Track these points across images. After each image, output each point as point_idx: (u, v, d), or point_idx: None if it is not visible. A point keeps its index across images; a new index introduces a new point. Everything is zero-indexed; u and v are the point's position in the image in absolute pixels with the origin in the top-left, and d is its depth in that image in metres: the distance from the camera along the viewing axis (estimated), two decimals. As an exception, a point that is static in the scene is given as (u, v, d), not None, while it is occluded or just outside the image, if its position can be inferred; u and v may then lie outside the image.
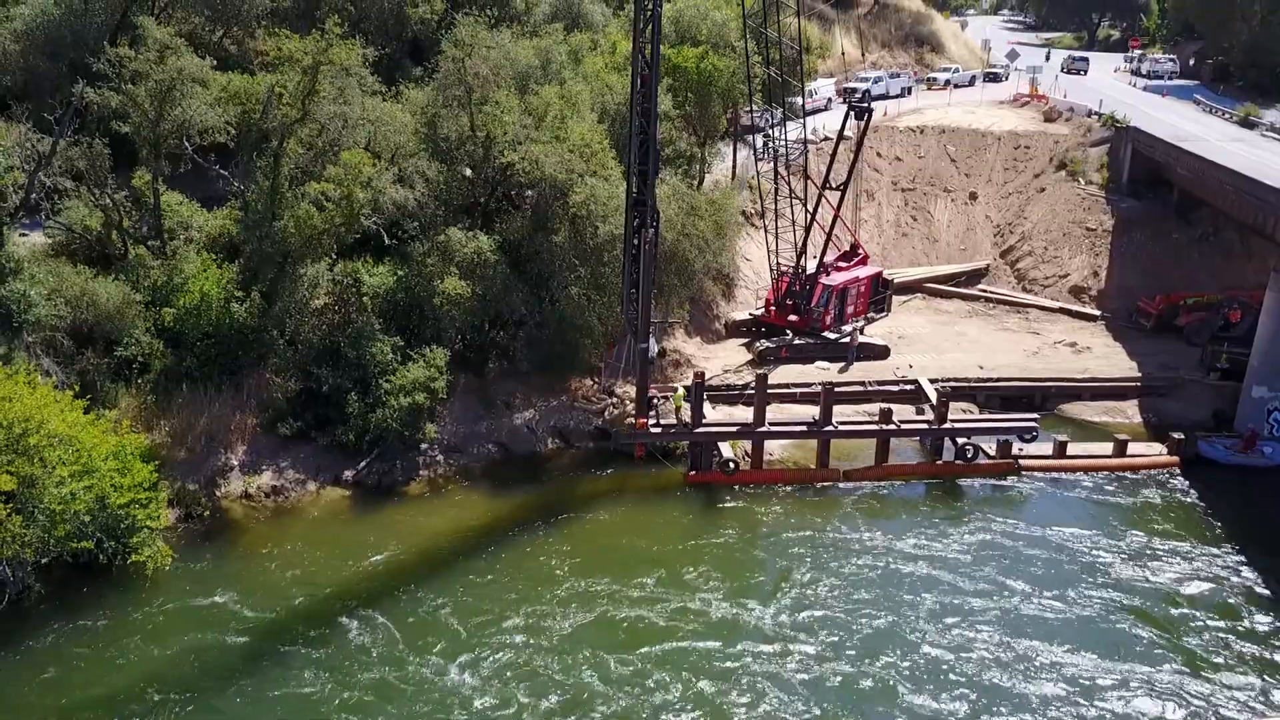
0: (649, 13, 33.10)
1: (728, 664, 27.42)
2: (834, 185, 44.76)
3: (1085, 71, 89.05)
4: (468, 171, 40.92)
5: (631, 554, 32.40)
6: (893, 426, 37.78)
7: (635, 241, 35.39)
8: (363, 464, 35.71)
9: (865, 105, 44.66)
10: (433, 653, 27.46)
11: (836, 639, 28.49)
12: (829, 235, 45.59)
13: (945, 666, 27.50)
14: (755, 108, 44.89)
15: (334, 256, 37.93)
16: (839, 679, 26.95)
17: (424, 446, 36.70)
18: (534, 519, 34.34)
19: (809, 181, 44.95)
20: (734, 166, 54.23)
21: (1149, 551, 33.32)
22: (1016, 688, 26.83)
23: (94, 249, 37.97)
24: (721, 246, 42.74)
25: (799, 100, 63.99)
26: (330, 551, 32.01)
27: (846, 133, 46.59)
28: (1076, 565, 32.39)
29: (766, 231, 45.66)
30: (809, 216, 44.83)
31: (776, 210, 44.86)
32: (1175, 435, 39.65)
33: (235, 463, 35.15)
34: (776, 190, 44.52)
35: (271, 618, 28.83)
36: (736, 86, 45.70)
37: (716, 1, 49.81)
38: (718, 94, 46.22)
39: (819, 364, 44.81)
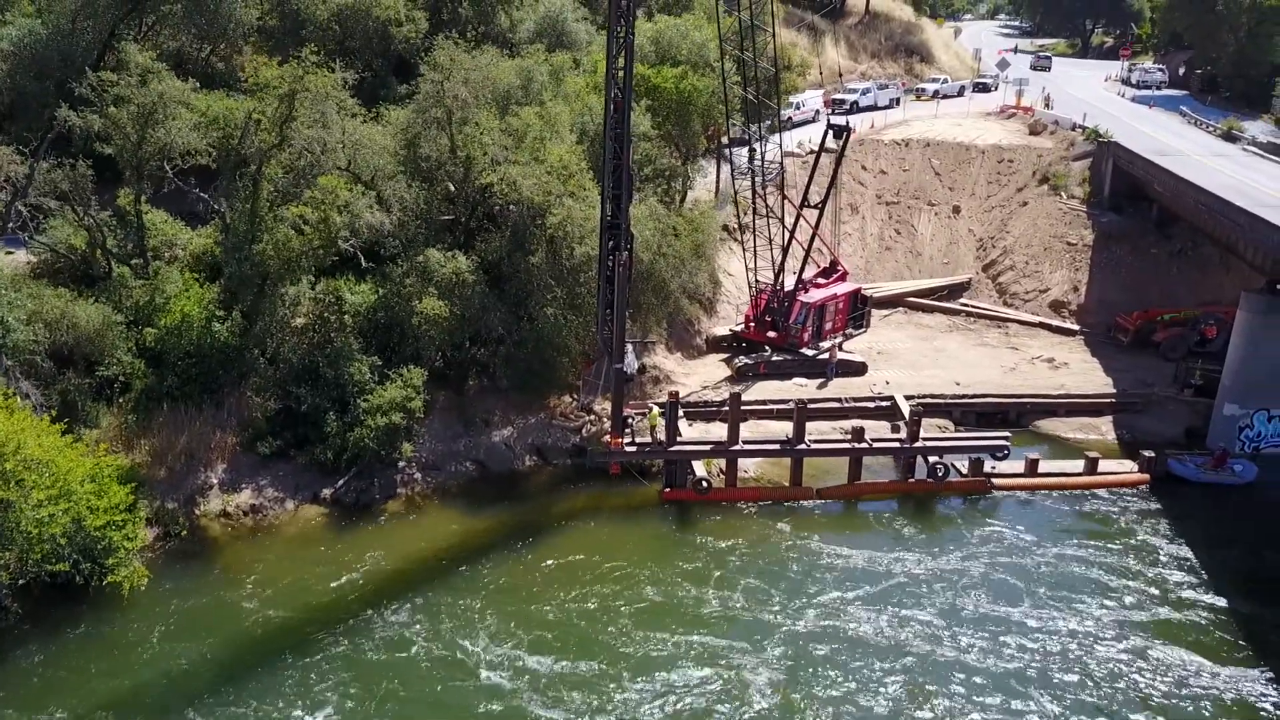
0: (621, 40, 33.58)
1: (705, 672, 28.02)
2: (812, 204, 45.20)
3: (1049, 68, 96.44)
4: (450, 187, 41.44)
5: (606, 570, 32.81)
6: (865, 445, 38.23)
7: (609, 263, 35.90)
8: (341, 482, 36.22)
9: (844, 125, 45.02)
10: (407, 670, 27.98)
11: (807, 651, 29.05)
12: (807, 252, 46.02)
13: (921, 675, 28.04)
14: (735, 125, 45.21)
15: (314, 277, 38.41)
16: (818, 690, 27.52)
17: (401, 465, 37.25)
18: (509, 536, 34.85)
19: (785, 200, 45.35)
20: (718, 182, 54.71)
21: (1113, 569, 33.72)
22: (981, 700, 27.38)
23: (79, 268, 38.57)
24: (698, 266, 43.24)
25: (784, 113, 64.70)
26: (306, 569, 32.53)
27: (829, 146, 46.79)
28: (1042, 583, 32.82)
29: (744, 249, 46.16)
30: (788, 234, 45.28)
31: (754, 228, 45.32)
32: (1146, 453, 40.07)
33: (215, 481, 35.67)
34: (754, 208, 44.99)
35: (246, 635, 29.37)
36: (716, 106, 46.17)
37: (698, 21, 50.29)
38: (697, 113, 46.70)
39: (797, 380, 45.26)
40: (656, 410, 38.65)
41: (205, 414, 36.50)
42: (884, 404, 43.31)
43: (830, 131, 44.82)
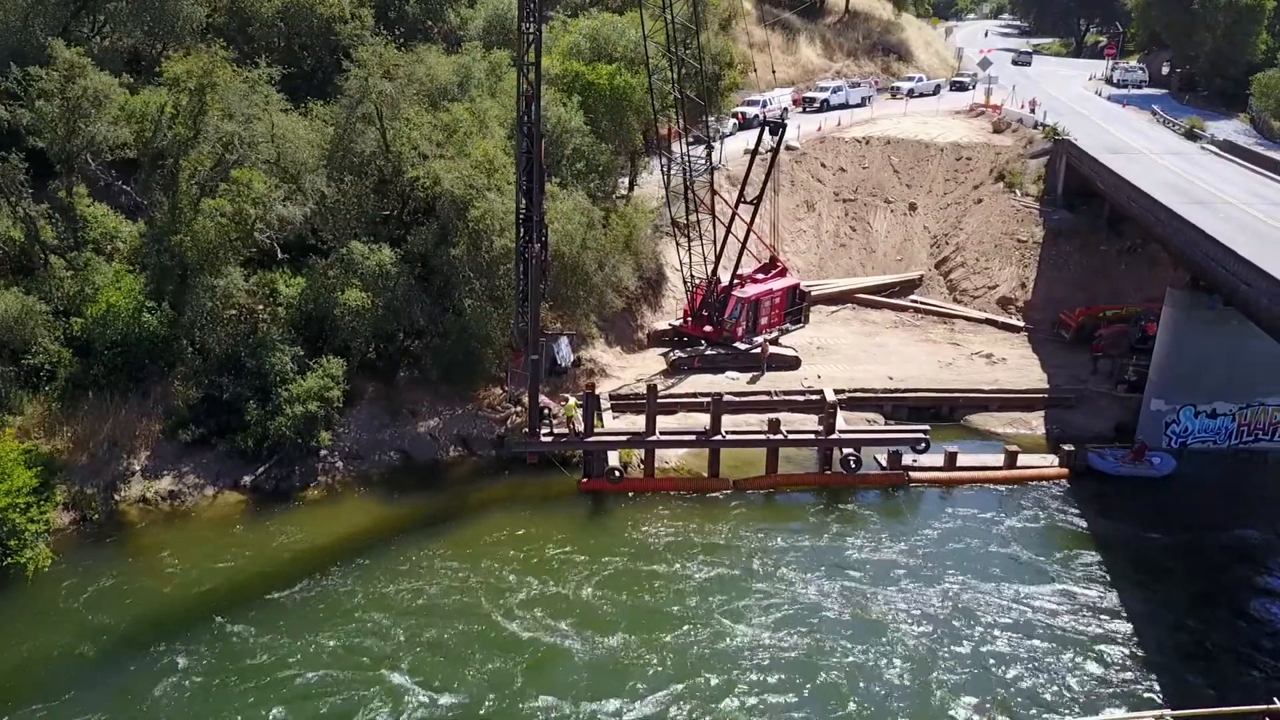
0: (530, 38, 34.27)
1: (599, 665, 28.48)
2: (748, 200, 45.62)
3: (1029, 63, 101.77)
4: (383, 180, 42.10)
5: (514, 559, 33.34)
6: (780, 436, 38.61)
7: (525, 255, 36.49)
8: (261, 470, 36.91)
9: (779, 122, 45.46)
10: (301, 655, 28.53)
11: (706, 633, 29.53)
12: (742, 248, 46.41)
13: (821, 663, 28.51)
14: (672, 124, 45.66)
15: (249, 269, 39.09)
16: (719, 674, 27.97)
17: (323, 453, 37.92)
18: (423, 524, 35.52)
19: (715, 195, 45.77)
20: (667, 178, 55.03)
21: (1021, 556, 34.24)
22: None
23: (19, 260, 39.46)
24: (623, 260, 43.66)
25: (749, 111, 65.07)
26: (217, 550, 33.29)
27: (767, 142, 47.11)
28: (945, 572, 33.20)
29: (678, 246, 46.61)
30: (723, 230, 45.68)
31: (688, 224, 45.77)
32: (1066, 447, 40.30)
33: (137, 468, 36.45)
34: (687, 205, 45.44)
35: (151, 610, 30.14)
36: (650, 103, 46.63)
37: (636, 19, 50.57)
38: (632, 110, 47.18)
39: (730, 374, 45.67)
40: (574, 402, 39.14)
41: (131, 402, 37.31)
42: (813, 397, 43.60)
43: (766, 128, 45.32)
